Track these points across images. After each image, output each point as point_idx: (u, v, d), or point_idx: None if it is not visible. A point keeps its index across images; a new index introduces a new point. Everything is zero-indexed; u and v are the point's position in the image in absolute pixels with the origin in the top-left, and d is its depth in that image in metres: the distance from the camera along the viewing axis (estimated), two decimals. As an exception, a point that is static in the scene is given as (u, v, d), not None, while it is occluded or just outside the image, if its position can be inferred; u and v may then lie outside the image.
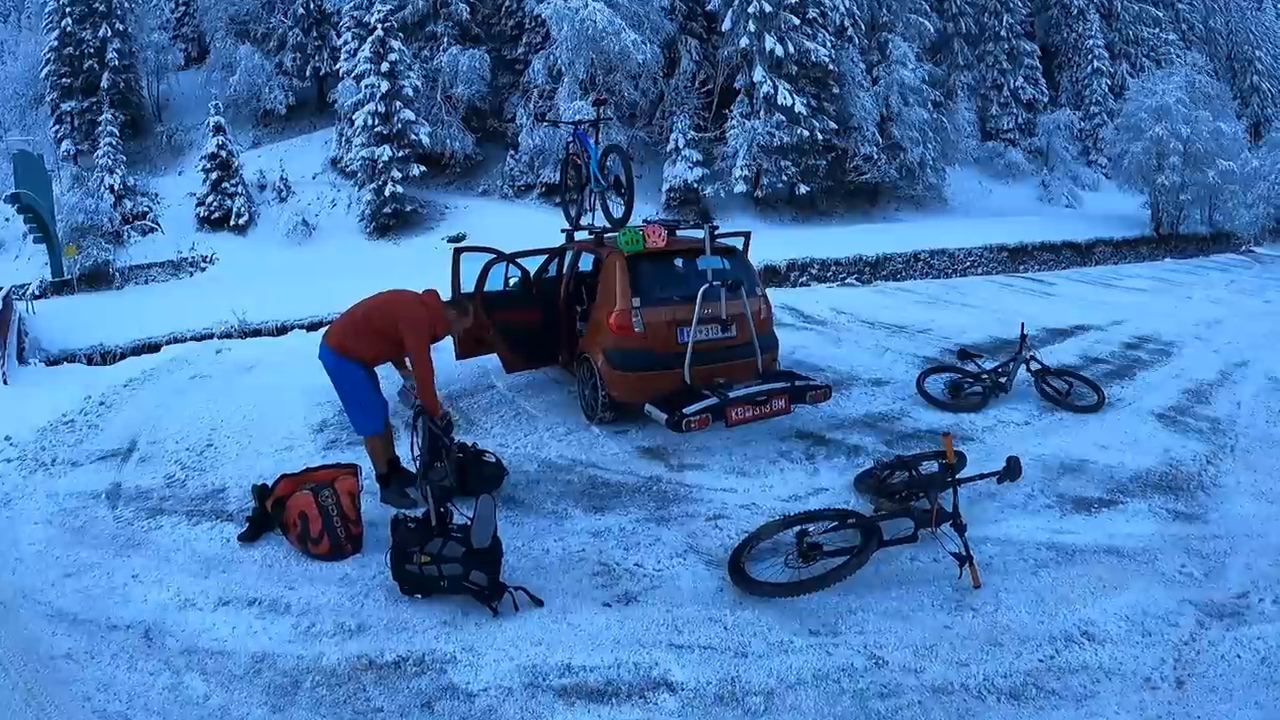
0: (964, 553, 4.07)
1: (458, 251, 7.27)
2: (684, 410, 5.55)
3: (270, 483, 4.98)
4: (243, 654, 3.74)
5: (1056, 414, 6.98)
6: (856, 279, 18.57)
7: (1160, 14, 38.03)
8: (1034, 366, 7.44)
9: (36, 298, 20.08)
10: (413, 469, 5.31)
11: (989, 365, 7.63)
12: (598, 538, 4.66)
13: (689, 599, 4.06)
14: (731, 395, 5.69)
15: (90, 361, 13.69)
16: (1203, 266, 21.98)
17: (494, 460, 5.48)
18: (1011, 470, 4.36)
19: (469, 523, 3.98)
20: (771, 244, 20.13)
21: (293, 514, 4.54)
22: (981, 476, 4.51)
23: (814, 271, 18.78)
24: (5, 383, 9.13)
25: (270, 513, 4.75)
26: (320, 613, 4.03)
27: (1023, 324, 7.89)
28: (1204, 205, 25.35)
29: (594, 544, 4.59)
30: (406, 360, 5.23)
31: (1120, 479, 5.56)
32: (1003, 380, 7.38)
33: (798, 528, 4.25)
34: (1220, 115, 25.44)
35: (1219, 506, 5.19)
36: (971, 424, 6.73)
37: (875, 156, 26.27)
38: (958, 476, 4.34)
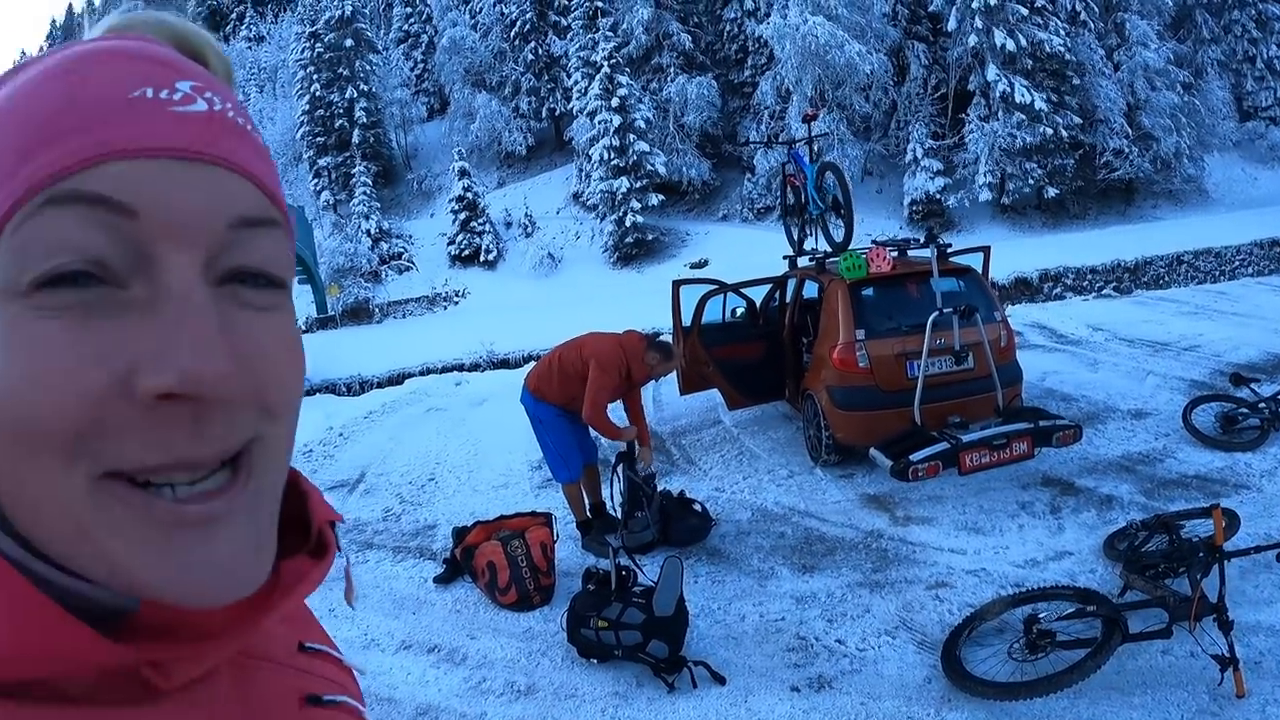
0: (1228, 655, 3.12)
1: (677, 284, 6.99)
2: (910, 457, 4.88)
3: (470, 524, 4.97)
4: (409, 704, 3.64)
5: (1347, 455, 5.45)
6: (1115, 289, 16.49)
7: None
8: None
9: (303, 333, 22.55)
10: (618, 515, 5.15)
11: (1268, 391, 6.20)
12: (801, 604, 4.11)
13: (890, 690, 3.40)
14: (965, 439, 4.93)
15: (350, 390, 15.03)
16: None
17: (700, 510, 5.14)
18: None
19: (653, 585, 3.64)
20: (1022, 253, 18.56)
21: (481, 563, 4.44)
22: (1259, 549, 3.44)
23: (1069, 282, 16.97)
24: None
25: (460, 560, 4.71)
26: (494, 667, 3.86)
27: None
28: None
29: (795, 612, 4.04)
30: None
31: None
32: None
33: (1028, 609, 3.50)
34: None
35: None
36: (1247, 466, 5.30)
37: (1125, 150, 23.69)
38: (1227, 550, 3.33)
